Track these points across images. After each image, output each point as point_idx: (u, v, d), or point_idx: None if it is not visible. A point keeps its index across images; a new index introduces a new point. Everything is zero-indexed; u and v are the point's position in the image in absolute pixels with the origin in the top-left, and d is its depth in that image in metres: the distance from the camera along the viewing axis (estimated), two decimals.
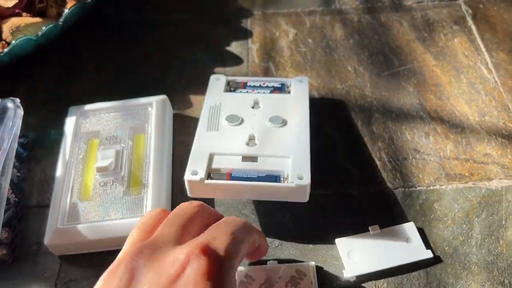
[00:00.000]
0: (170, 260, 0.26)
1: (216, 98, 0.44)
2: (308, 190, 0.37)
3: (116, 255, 0.29)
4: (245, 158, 0.39)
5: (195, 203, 0.31)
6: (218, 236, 0.28)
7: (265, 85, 0.46)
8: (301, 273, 0.36)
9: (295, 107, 0.43)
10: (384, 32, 0.54)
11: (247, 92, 0.45)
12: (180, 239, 0.28)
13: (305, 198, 0.37)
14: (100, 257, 0.39)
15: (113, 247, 0.39)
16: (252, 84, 0.46)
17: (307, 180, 0.36)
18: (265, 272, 0.36)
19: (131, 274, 0.25)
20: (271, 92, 0.45)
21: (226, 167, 0.38)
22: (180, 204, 0.32)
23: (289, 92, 0.45)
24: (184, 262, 0.25)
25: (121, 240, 0.38)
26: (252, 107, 0.43)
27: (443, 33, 0.53)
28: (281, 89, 0.45)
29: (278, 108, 0.43)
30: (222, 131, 0.41)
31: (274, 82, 0.46)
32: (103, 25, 0.58)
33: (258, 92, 0.45)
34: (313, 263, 0.37)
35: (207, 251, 0.26)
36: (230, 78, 0.47)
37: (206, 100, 0.44)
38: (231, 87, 0.46)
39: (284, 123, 0.41)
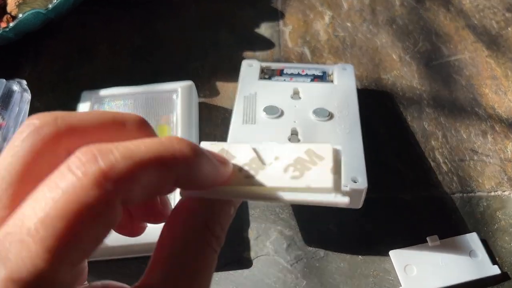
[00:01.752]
0: None
1: (250, 87, 0.39)
2: (364, 196, 0.32)
3: (127, 263, 0.24)
4: None
5: (35, 118, 0.16)
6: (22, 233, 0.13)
7: (304, 73, 0.41)
8: (314, 155, 0.19)
9: (342, 98, 0.38)
10: (430, 17, 0.49)
11: (284, 80, 0.40)
12: None
13: (359, 204, 0.33)
14: (108, 265, 0.34)
15: (123, 255, 0.34)
16: (289, 72, 0.41)
17: (363, 183, 0.32)
18: (255, 149, 0.19)
19: None
20: (312, 80, 0.40)
21: None
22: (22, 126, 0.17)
23: (331, 81, 0.40)
24: None
25: (134, 248, 0.33)
26: (292, 98, 0.38)
27: (495, 20, 0.48)
28: (323, 77, 0.40)
29: (322, 99, 0.38)
30: (260, 124, 0.36)
31: (314, 69, 0.41)
32: (118, 2, 0.52)
33: (296, 81, 0.40)
34: (336, 146, 0.20)
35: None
36: (264, 64, 0.42)
37: (239, 89, 0.39)
38: (265, 74, 0.41)
39: (330, 116, 0.36)
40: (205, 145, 0.19)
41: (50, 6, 0.41)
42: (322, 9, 0.50)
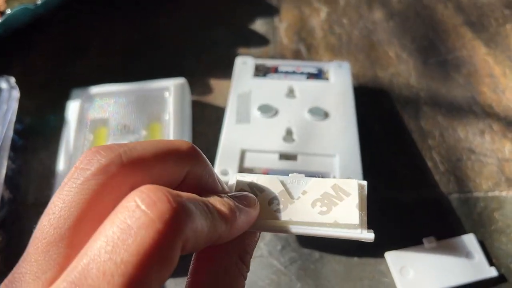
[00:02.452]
0: None
1: (244, 85, 0.39)
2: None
3: None
4: (283, 156, 0.33)
5: (96, 164, 0.15)
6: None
7: (300, 70, 0.40)
8: (341, 191, 0.20)
9: (337, 96, 0.37)
10: (428, 14, 0.48)
11: (279, 78, 0.39)
12: (42, 279, 0.14)
13: None
14: None
15: None
16: (284, 69, 0.40)
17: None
18: (283, 183, 0.20)
19: None
20: (307, 78, 0.39)
21: (261, 166, 0.33)
22: (73, 171, 0.15)
23: (327, 79, 0.39)
24: None
25: None
26: (287, 96, 0.38)
27: (493, 17, 0.48)
28: (318, 75, 0.40)
29: (317, 98, 0.37)
30: (254, 123, 0.35)
31: (310, 67, 0.40)
32: None
33: (292, 79, 0.39)
34: (363, 181, 0.20)
35: None
36: (259, 61, 0.41)
37: (233, 87, 0.38)
38: (260, 71, 0.40)
39: (326, 115, 0.36)
40: (237, 176, 0.20)
41: (39, 1, 0.40)
42: (318, 5, 0.49)
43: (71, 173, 0.15)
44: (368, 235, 0.18)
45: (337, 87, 0.38)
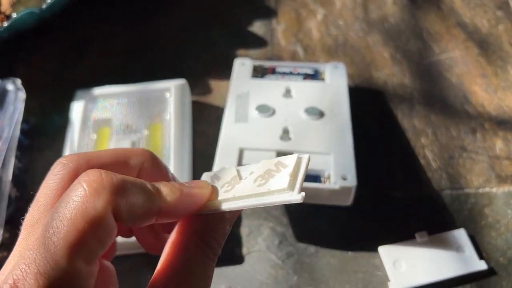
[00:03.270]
0: None
1: (242, 85, 0.40)
2: (353, 193, 0.33)
3: (131, 260, 0.25)
4: (280, 154, 0.34)
5: (62, 167, 0.20)
6: (26, 258, 0.16)
7: (297, 71, 0.41)
8: (281, 165, 0.20)
9: (333, 96, 0.38)
10: (421, 16, 0.49)
11: (276, 78, 0.41)
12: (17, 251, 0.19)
13: (348, 201, 0.33)
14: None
15: (127, 251, 0.34)
16: (281, 70, 0.41)
17: (352, 181, 0.32)
18: (237, 170, 0.22)
19: None
20: (304, 79, 0.40)
21: None
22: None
23: (323, 80, 0.40)
24: None
25: (137, 244, 0.34)
26: (284, 96, 0.39)
27: (486, 19, 0.49)
28: (314, 76, 0.41)
29: (313, 98, 0.38)
30: (252, 122, 0.37)
31: (306, 67, 0.41)
32: (110, 1, 0.52)
33: (289, 79, 0.40)
34: (305, 155, 0.21)
35: None
36: (257, 62, 0.42)
37: (232, 87, 0.40)
38: (258, 72, 0.41)
39: (321, 115, 0.37)
40: (204, 173, 0.23)
41: (44, 5, 0.41)
42: (314, 7, 0.51)
43: (49, 174, 0.20)
44: (296, 196, 0.18)
45: (332, 88, 0.39)
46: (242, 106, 0.38)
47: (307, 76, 0.41)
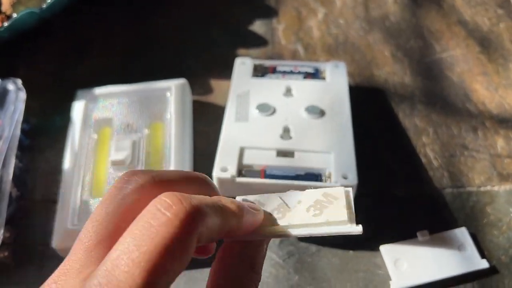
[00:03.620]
0: None
1: (243, 85, 0.40)
2: (354, 192, 0.33)
3: None
4: (280, 153, 0.34)
5: (134, 183, 0.19)
6: (112, 279, 0.16)
7: (297, 70, 0.41)
8: (330, 196, 0.23)
9: (333, 95, 0.38)
10: (422, 14, 0.49)
11: (277, 77, 0.40)
12: (83, 273, 0.18)
13: None
14: None
15: None
16: (282, 69, 0.41)
17: (353, 180, 0.32)
18: (281, 197, 0.24)
19: None
20: (304, 78, 0.40)
21: (259, 163, 0.34)
22: (113, 187, 0.19)
23: (324, 79, 0.40)
24: None
25: None
26: (284, 95, 0.39)
27: (487, 17, 0.49)
28: (315, 74, 0.41)
29: (314, 97, 0.38)
30: (252, 122, 0.37)
31: (307, 66, 0.41)
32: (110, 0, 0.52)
33: (289, 78, 0.40)
34: (348, 188, 0.23)
35: None
36: (257, 61, 0.42)
37: (233, 87, 0.40)
38: (258, 72, 0.41)
39: (322, 113, 0.37)
40: (239, 199, 0.23)
41: (44, 5, 0.41)
42: (315, 6, 0.51)
43: (112, 189, 0.19)
44: (356, 228, 0.21)
45: (333, 86, 0.39)
46: (243, 105, 0.38)
47: (307, 75, 0.41)
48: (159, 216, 0.17)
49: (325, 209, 0.22)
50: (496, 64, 0.45)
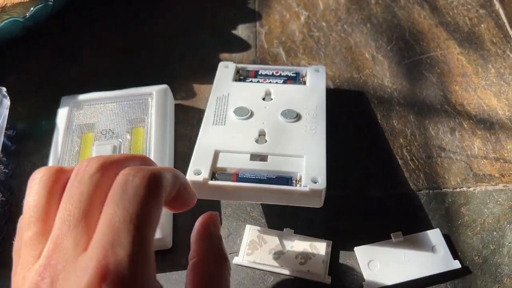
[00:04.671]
0: (72, 284, 0.19)
1: (223, 88, 0.40)
2: (323, 195, 0.33)
3: None
4: (254, 157, 0.35)
5: (94, 165, 0.23)
6: (115, 238, 0.20)
7: (278, 74, 0.42)
8: (315, 248, 0.35)
9: (311, 100, 0.39)
10: (404, 15, 0.50)
11: (258, 81, 0.41)
12: (82, 242, 0.21)
13: (319, 203, 0.34)
14: None
15: None
16: (264, 73, 0.42)
17: (322, 184, 0.33)
18: (279, 237, 0.35)
19: None
20: (284, 82, 0.41)
21: (232, 166, 0.34)
22: (77, 168, 0.23)
23: (304, 83, 0.41)
24: None
25: None
26: (263, 99, 0.39)
27: (468, 17, 0.49)
28: (296, 78, 0.41)
29: (292, 101, 0.39)
30: (229, 125, 0.37)
31: (288, 71, 0.42)
32: (98, 4, 0.53)
33: (270, 82, 0.41)
34: (329, 241, 0.35)
35: (113, 273, 0.19)
36: (240, 65, 0.42)
37: (213, 90, 0.40)
38: (240, 75, 0.42)
39: (298, 117, 0.37)
40: (250, 227, 0.36)
41: (27, 14, 0.42)
42: (298, 9, 0.51)
43: (76, 171, 0.23)
44: (327, 280, 0.34)
45: (311, 91, 0.40)
46: (221, 108, 0.38)
47: (288, 79, 0.41)
48: (130, 183, 0.21)
49: (309, 260, 0.34)
50: (475, 65, 0.45)
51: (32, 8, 0.43)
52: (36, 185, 0.23)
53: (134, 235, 0.20)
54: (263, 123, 0.37)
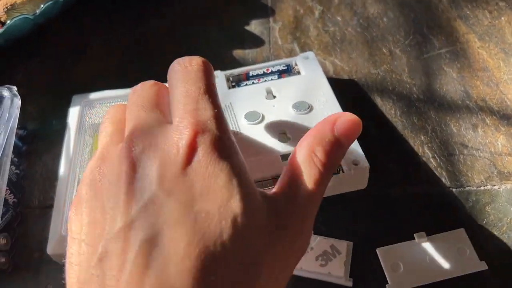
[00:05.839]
0: (170, 145, 0.22)
1: (223, 98, 0.38)
2: (367, 175, 0.33)
3: None
4: (285, 157, 0.34)
5: (148, 82, 0.28)
6: (196, 106, 0.23)
7: (269, 70, 0.40)
8: (335, 250, 0.34)
9: (314, 87, 0.38)
10: (421, 9, 0.48)
11: (253, 83, 0.40)
12: (162, 120, 0.24)
13: (364, 184, 0.33)
14: None
15: None
16: (255, 73, 0.40)
17: (364, 163, 0.32)
18: None
19: (131, 164, 0.21)
20: (279, 77, 0.39)
21: (267, 172, 0.33)
22: (134, 88, 0.28)
23: (298, 73, 0.39)
24: (188, 147, 0.22)
25: None
26: (266, 98, 0.38)
27: (488, 10, 0.47)
28: (288, 70, 0.40)
29: (296, 93, 0.37)
30: (245, 133, 0.36)
31: (278, 65, 0.40)
32: (106, 2, 0.52)
33: (265, 81, 0.39)
34: (350, 243, 0.34)
35: (205, 129, 0.22)
36: (227, 72, 0.41)
37: None
38: (232, 82, 0.40)
39: (310, 108, 0.36)
40: None
41: (37, 11, 0.41)
42: (312, 3, 0.50)
43: (133, 91, 0.28)
44: (349, 283, 0.32)
45: (310, 78, 0.39)
46: (230, 118, 0.37)
47: (282, 73, 0.40)
48: (189, 67, 0.26)
49: (329, 262, 0.33)
50: (497, 59, 0.44)
51: (42, 5, 0.42)
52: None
53: (211, 101, 0.24)
54: (278, 122, 0.36)
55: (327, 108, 0.36)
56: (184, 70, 0.26)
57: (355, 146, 0.34)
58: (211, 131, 0.22)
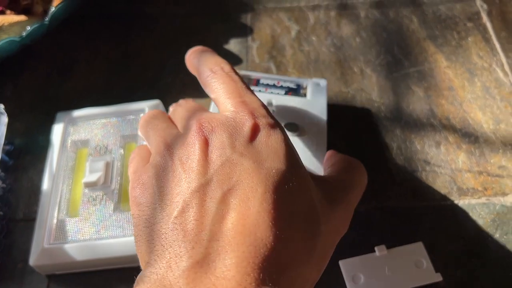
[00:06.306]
0: (236, 125, 0.26)
1: None
2: None
3: (108, 274, 0.27)
4: None
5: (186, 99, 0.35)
6: (243, 98, 0.28)
7: (280, 84, 0.42)
8: None
9: (313, 114, 0.39)
10: (393, 29, 0.51)
11: (259, 91, 0.41)
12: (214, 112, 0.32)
13: None
14: (90, 276, 0.37)
15: (104, 267, 0.37)
16: (265, 82, 0.42)
17: None
18: None
19: (204, 139, 0.26)
20: (286, 93, 0.41)
21: None
22: (175, 104, 0.35)
23: (305, 95, 0.41)
24: (253, 127, 0.26)
25: (112, 260, 0.36)
26: None
27: (456, 31, 0.50)
28: (297, 90, 0.41)
29: (294, 114, 0.39)
30: None
31: (290, 82, 0.42)
32: (93, 19, 0.55)
33: (271, 92, 0.41)
34: None
35: (259, 115, 0.27)
36: (243, 72, 0.42)
37: (213, 104, 0.41)
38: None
39: (299, 131, 0.38)
40: None
41: (24, 33, 0.43)
42: (289, 23, 0.52)
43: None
44: None
45: (313, 105, 0.40)
46: None
47: (289, 91, 0.41)
48: (225, 69, 0.30)
49: None
50: (462, 79, 0.46)
51: (28, 28, 0.44)
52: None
53: (253, 94, 0.29)
54: None
55: (313, 139, 0.37)
56: (222, 72, 0.30)
57: (321, 163, 0.35)
58: (265, 116, 0.27)
